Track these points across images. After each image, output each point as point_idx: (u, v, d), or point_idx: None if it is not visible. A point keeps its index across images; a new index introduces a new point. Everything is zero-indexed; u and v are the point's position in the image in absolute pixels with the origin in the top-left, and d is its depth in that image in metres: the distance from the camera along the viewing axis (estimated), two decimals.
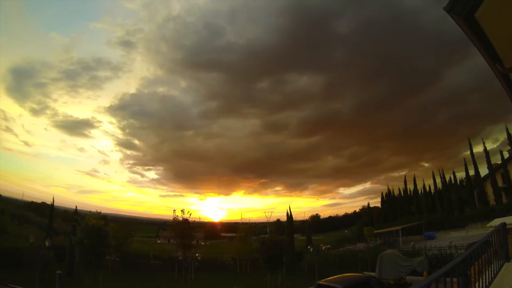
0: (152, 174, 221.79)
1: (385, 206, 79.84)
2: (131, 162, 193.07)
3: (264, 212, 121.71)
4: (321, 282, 14.87)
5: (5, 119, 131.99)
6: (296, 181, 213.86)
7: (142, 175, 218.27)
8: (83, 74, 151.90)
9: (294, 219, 57.08)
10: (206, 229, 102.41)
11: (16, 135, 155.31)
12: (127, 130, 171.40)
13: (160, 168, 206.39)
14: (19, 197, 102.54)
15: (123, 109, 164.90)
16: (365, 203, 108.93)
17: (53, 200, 51.11)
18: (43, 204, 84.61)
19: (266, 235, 46.50)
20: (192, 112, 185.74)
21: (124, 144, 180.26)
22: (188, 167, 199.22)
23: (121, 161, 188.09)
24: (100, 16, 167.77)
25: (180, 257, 40.03)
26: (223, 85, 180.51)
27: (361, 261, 32.24)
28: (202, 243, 75.70)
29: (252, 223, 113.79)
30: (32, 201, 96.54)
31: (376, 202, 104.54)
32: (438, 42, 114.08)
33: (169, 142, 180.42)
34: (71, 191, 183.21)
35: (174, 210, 41.78)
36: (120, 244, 40.50)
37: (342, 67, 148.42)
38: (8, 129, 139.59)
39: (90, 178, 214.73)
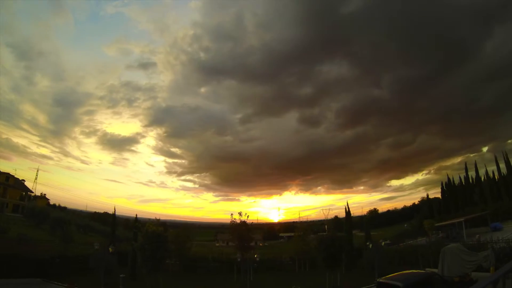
0: (201, 180, 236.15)
1: (446, 196, 78.00)
2: (179, 170, 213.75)
3: (322, 209, 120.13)
4: (381, 280, 14.39)
5: (62, 143, 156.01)
6: (343, 176, 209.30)
7: (194, 182, 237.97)
8: (117, 98, 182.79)
9: (351, 214, 55.90)
10: (264, 230, 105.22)
11: (73, 156, 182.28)
12: (169, 142, 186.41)
13: (208, 174, 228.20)
14: (83, 208, 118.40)
15: (162, 122, 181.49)
16: (424, 195, 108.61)
17: (115, 210, 56.61)
18: (105, 214, 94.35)
19: (324, 233, 45.82)
20: (230, 118, 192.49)
21: (169, 155, 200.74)
22: (234, 170, 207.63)
23: (170, 171, 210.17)
24: (112, 39, 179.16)
25: (239, 259, 40.28)
26: (253, 87, 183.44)
27: (423, 256, 32.60)
28: (261, 244, 77.35)
29: (310, 221, 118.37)
30: (95, 212, 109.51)
31: (435, 192, 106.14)
32: (484, 14, 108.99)
33: (212, 149, 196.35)
34: (132, 201, 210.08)
35: (232, 213, 42.36)
36: (179, 248, 41.78)
37: (380, 47, 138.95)
38: (66, 151, 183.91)
39: (148, 188, 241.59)
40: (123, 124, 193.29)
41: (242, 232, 41.25)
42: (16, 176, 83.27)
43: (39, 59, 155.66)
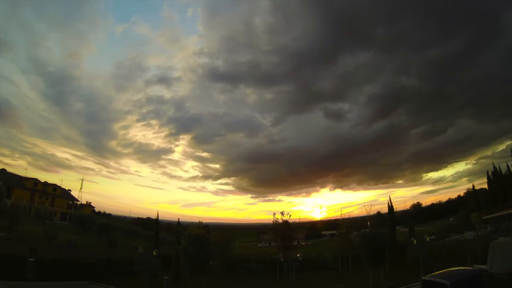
0: (238, 182, 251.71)
1: (493, 187, 75.01)
2: (214, 174, 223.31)
3: (364, 205, 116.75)
4: (426, 278, 13.92)
5: (102, 156, 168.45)
6: (378, 171, 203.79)
7: (232, 185, 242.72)
8: (145, 111, 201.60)
9: (394, 209, 53.62)
10: (306, 228, 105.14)
11: (113, 167, 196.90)
12: (201, 148, 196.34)
13: (244, 176, 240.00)
14: (126, 214, 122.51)
15: (189, 130, 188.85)
16: (468, 186, 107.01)
17: (158, 215, 57.33)
18: (148, 219, 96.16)
19: (367, 230, 46.87)
20: (258, 121, 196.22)
21: (202, 160, 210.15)
22: (269, 171, 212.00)
23: (206, 175, 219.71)
24: (131, 58, 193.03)
25: (281, 259, 40.57)
26: (277, 89, 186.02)
27: (470, 252, 31.74)
28: (303, 243, 77.47)
29: (352, 218, 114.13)
30: (138, 217, 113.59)
31: (481, 183, 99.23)
32: None
33: (245, 152, 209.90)
34: (174, 206, 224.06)
35: (274, 213, 42.37)
36: (222, 250, 41.82)
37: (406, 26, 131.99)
38: (106, 163, 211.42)
39: (189, 193, 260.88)
40: (155, 135, 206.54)
41: (284, 231, 41.16)
42: (62, 186, 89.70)
43: (71, 84, 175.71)
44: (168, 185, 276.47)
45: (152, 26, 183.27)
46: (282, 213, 41.43)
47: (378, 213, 76.06)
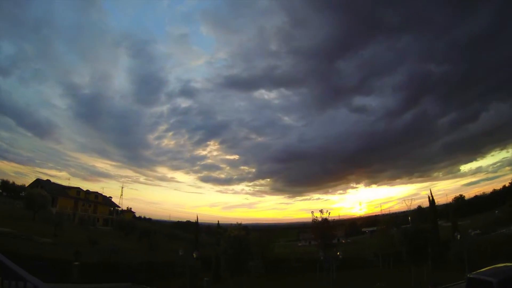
0: (274, 183, 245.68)
1: None
2: (248, 176, 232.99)
3: (404, 200, 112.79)
4: (471, 276, 13.51)
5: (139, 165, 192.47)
6: (412, 163, 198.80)
7: (268, 186, 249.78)
8: (172, 121, 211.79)
9: (435, 203, 52.82)
10: (346, 226, 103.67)
11: (152, 175, 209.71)
12: (230, 152, 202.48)
13: (278, 177, 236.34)
14: (166, 219, 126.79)
15: (218, 136, 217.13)
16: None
17: (197, 218, 60.23)
18: (188, 222, 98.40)
19: (408, 225, 44.89)
20: (285, 123, 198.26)
21: (237, 163, 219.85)
22: (303, 171, 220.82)
23: (240, 177, 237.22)
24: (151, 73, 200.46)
25: (322, 257, 40.23)
26: (299, 89, 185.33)
27: None
28: (343, 241, 76.26)
29: (393, 213, 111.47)
30: (178, 221, 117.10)
31: None
32: None
33: (275, 153, 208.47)
34: (214, 208, 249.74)
35: (312, 211, 42.72)
36: (262, 250, 42.57)
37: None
38: (144, 172, 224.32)
39: (228, 196, 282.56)
40: (186, 142, 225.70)
41: (324, 229, 41.75)
42: (104, 194, 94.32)
43: (103, 103, 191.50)
44: (205, 189, 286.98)
45: (171, 41, 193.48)
46: (321, 211, 41.81)
47: (419, 207, 72.87)
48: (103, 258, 32.88)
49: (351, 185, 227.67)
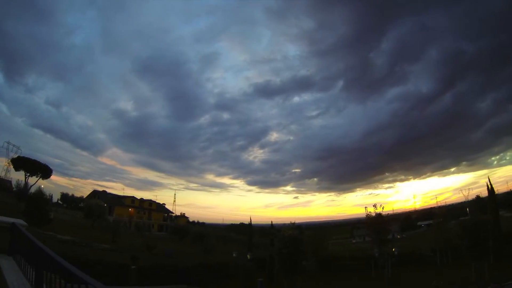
0: (321, 180, 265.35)
1: None
2: (294, 177, 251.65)
3: (460, 190, 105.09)
4: None
5: (188, 174, 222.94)
6: (459, 151, 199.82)
7: (317, 184, 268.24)
8: (214, 132, 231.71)
9: (495, 192, 49.55)
10: (400, 220, 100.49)
11: (202, 182, 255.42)
12: (278, 155, 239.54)
13: (324, 175, 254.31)
14: (220, 222, 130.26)
15: (262, 140, 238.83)
16: None
17: (250, 219, 63.19)
18: (241, 224, 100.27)
19: (467, 217, 43.85)
20: (322, 122, 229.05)
21: (283, 164, 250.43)
22: (346, 167, 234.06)
23: (289, 178, 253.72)
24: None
25: (376, 254, 40.39)
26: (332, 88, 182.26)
27: None
28: (398, 236, 74.58)
29: (449, 205, 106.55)
30: (231, 224, 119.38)
31: None
32: None
33: (317, 152, 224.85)
34: (268, 209, 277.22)
35: (366, 206, 42.26)
36: (315, 249, 42.70)
37: None
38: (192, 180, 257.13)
39: (279, 196, 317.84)
40: (231, 149, 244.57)
41: (378, 225, 40.60)
42: (157, 201, 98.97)
43: (148, 123, 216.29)
44: (255, 192, 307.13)
45: (202, 59, 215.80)
46: (374, 206, 40.89)
47: (477, 197, 67.55)
48: (159, 262, 34.25)
49: (400, 177, 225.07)
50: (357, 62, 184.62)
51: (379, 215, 40.39)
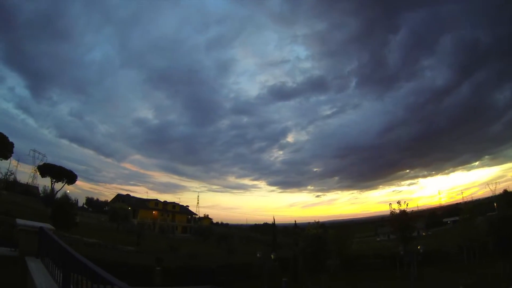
0: (342, 180, 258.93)
1: None
2: (314, 175, 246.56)
3: (487, 184, 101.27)
4: None
5: (210, 176, 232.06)
6: (480, 145, 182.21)
7: (338, 182, 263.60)
8: (233, 135, 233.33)
9: None
10: (425, 217, 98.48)
11: (224, 184, 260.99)
12: (298, 155, 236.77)
13: (346, 173, 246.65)
14: (243, 222, 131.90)
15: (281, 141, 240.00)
16: None
17: (274, 219, 66.16)
18: (265, 224, 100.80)
19: (494, 213, 43.84)
20: (339, 120, 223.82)
21: (303, 164, 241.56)
22: (366, 164, 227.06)
23: (311, 177, 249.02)
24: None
25: (401, 252, 39.31)
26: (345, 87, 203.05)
27: None
28: (423, 233, 73.91)
29: (476, 200, 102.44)
30: (255, 224, 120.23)
31: None
32: None
33: (337, 150, 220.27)
34: (292, 209, 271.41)
35: (390, 203, 41.59)
36: (339, 247, 41.82)
37: None
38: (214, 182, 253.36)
39: (301, 195, 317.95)
40: (250, 152, 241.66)
41: (402, 222, 40.27)
42: (181, 203, 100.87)
43: (168, 130, 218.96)
44: (278, 192, 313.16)
45: (218, 65, 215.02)
46: (398, 203, 40.45)
47: (505, 191, 64.37)
48: (183, 263, 34.80)
49: (422, 173, 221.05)
50: (371, 58, 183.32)
51: (403, 212, 40.08)
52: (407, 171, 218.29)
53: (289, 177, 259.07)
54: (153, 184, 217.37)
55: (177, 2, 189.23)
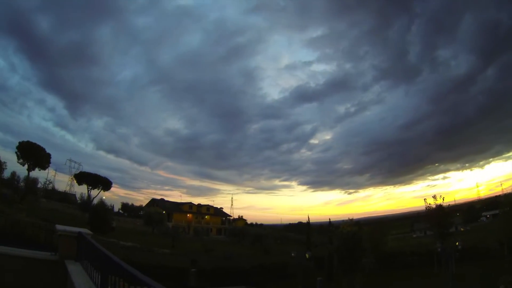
0: (374, 177, 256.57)
1: None
2: (349, 173, 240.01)
3: None
4: None
5: (245, 178, 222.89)
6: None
7: (369, 179, 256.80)
8: (262, 138, 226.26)
9: None
10: (463, 211, 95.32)
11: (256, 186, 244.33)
12: (328, 154, 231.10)
13: (377, 169, 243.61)
14: (278, 222, 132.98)
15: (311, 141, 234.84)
16: None
17: (308, 218, 64.71)
18: (299, 223, 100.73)
19: None
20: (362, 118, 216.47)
21: (332, 163, 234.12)
22: (396, 159, 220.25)
23: (341, 174, 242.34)
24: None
25: (439, 249, 38.17)
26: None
27: None
28: (462, 229, 71.77)
29: None
30: (289, 223, 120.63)
31: None
32: None
33: (366, 147, 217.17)
34: (327, 207, 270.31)
35: (425, 198, 40.93)
36: (375, 245, 41.20)
37: None
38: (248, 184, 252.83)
39: (333, 194, 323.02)
40: (281, 155, 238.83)
41: (439, 217, 39.53)
42: (214, 206, 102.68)
43: (199, 139, 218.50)
44: (311, 191, 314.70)
45: (243, 74, 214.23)
46: (434, 197, 39.57)
47: None
48: (218, 264, 35.38)
49: (455, 166, 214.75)
50: (390, 52, 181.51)
51: (439, 207, 39.28)
52: (436, 164, 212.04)
53: (320, 176, 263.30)
54: (186, 189, 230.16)
55: (199, 18, 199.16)
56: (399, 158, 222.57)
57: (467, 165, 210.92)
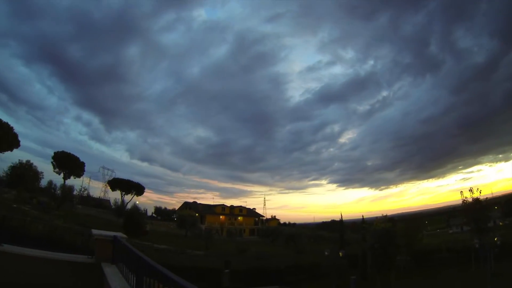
0: (404, 171, 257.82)
1: None
2: (375, 169, 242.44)
3: None
4: None
5: (277, 180, 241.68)
6: None
7: (399, 175, 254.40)
8: (292, 140, 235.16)
9: None
10: (502, 204, 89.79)
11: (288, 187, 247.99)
12: (357, 151, 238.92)
13: (406, 163, 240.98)
14: (311, 221, 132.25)
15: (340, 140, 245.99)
16: None
17: (341, 216, 63.71)
18: (332, 221, 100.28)
19: None
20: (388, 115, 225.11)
21: (361, 160, 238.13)
22: (425, 152, 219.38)
23: (371, 170, 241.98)
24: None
25: (476, 245, 36.27)
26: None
27: None
28: (501, 223, 69.43)
29: None
30: (322, 222, 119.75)
31: None
32: None
33: (393, 141, 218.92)
34: (360, 204, 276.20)
35: (461, 191, 39.22)
36: (409, 242, 40.07)
37: None
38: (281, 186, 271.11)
39: (364, 191, 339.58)
40: (311, 155, 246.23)
41: (476, 211, 38.09)
42: (247, 206, 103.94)
43: (228, 146, 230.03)
44: (343, 189, 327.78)
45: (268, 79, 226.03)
46: (470, 190, 38.23)
47: None
48: (251, 265, 35.65)
49: (488, 157, 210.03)
50: (410, 45, 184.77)
51: (476, 200, 37.84)
52: (467, 157, 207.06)
53: (350, 174, 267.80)
54: (219, 192, 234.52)
55: (223, 30, 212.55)
56: (428, 152, 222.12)
57: (500, 156, 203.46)
